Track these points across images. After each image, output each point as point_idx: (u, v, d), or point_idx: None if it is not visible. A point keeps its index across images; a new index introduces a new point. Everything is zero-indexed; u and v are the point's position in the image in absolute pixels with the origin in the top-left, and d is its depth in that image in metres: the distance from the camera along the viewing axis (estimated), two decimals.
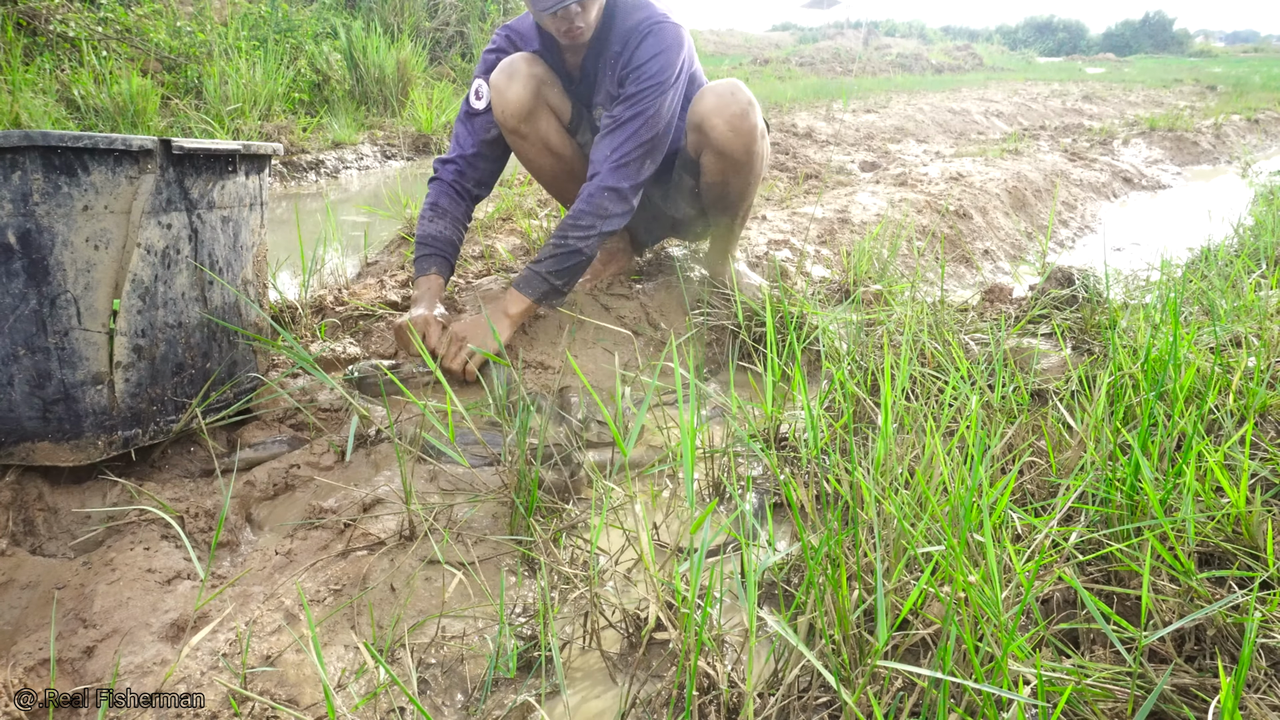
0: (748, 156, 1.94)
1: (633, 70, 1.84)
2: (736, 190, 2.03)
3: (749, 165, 1.96)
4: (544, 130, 2.00)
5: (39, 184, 1.19)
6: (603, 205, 1.84)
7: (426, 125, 6.01)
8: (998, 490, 0.94)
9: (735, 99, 1.87)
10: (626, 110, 1.84)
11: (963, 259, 3.11)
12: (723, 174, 1.97)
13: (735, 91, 1.88)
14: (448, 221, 1.99)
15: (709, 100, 1.88)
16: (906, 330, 1.48)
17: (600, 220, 1.85)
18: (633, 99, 1.84)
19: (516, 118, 1.94)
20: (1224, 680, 0.72)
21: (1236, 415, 1.33)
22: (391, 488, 1.39)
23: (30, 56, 5.02)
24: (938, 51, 20.56)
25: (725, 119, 1.86)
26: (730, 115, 1.86)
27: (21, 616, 1.11)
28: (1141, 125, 7.10)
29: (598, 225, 1.85)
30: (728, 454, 1.46)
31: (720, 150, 1.90)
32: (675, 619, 0.98)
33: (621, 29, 1.87)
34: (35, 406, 1.27)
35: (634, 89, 1.84)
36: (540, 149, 2.03)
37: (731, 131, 1.87)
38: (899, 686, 0.89)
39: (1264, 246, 2.48)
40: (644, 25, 1.84)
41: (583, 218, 1.84)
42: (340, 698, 0.96)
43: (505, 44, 2.03)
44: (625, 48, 1.86)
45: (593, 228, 1.84)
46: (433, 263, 1.96)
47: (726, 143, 1.89)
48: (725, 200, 2.06)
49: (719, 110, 1.86)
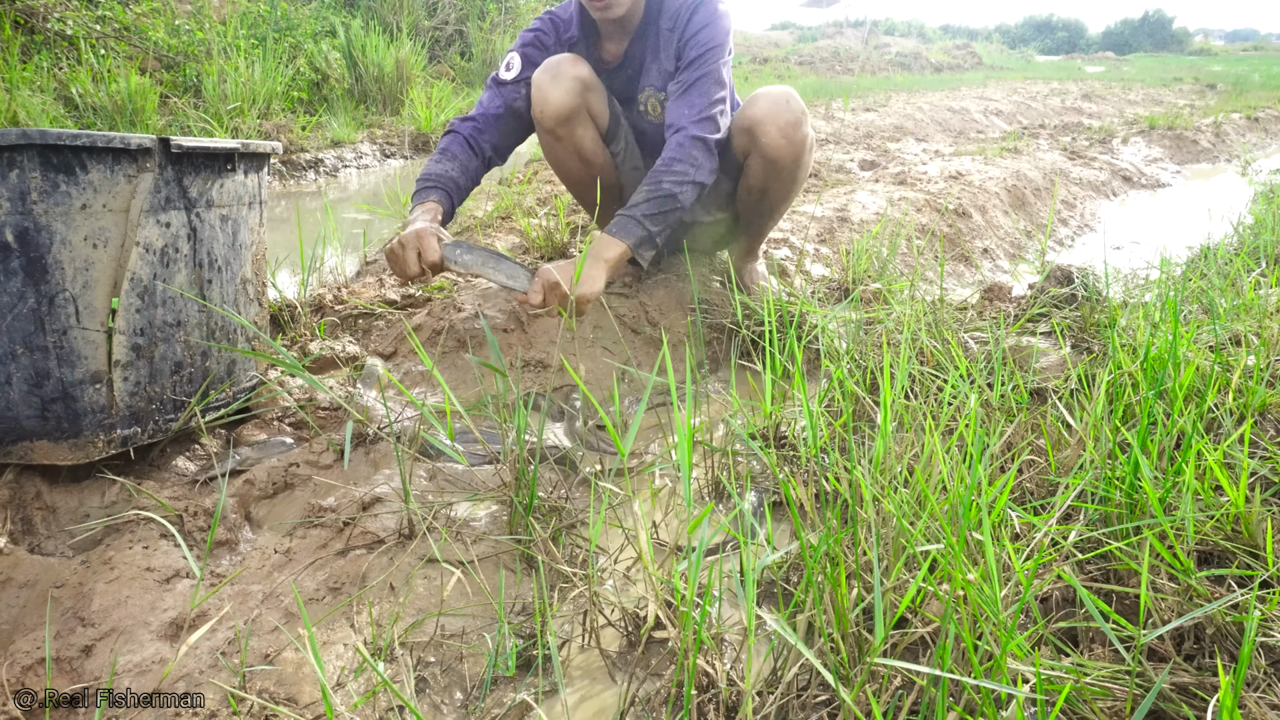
0: (794, 166, 1.93)
1: (690, 39, 1.85)
2: (775, 198, 2.02)
3: (794, 176, 1.96)
4: (579, 136, 1.99)
5: (37, 182, 1.18)
6: (693, 154, 1.80)
7: (426, 124, 6.01)
8: (997, 489, 0.94)
9: (789, 107, 1.86)
10: (693, 73, 1.84)
11: (962, 257, 3.11)
12: (766, 180, 1.96)
13: (790, 99, 1.88)
14: (456, 165, 1.93)
15: (763, 105, 1.87)
16: (906, 329, 1.48)
17: (692, 169, 1.80)
18: (695, 63, 1.84)
19: (555, 120, 1.93)
20: (1223, 679, 0.72)
21: (1236, 414, 1.32)
22: (391, 486, 1.39)
23: (28, 54, 5.01)
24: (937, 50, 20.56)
25: (779, 126, 1.86)
26: (784, 123, 1.86)
27: (20, 615, 1.11)
28: (1141, 124, 7.10)
29: (690, 173, 1.80)
30: (727, 453, 1.46)
31: (770, 157, 1.89)
32: (674, 617, 0.98)
33: (670, 9, 1.88)
34: (34, 405, 1.27)
35: (694, 54, 1.84)
36: (572, 154, 2.02)
37: (784, 139, 1.87)
38: (898, 685, 0.89)
39: (1264, 245, 2.48)
40: (691, 1, 1.87)
41: (675, 164, 1.79)
42: (339, 696, 0.96)
43: (546, 26, 2.01)
44: (676, 23, 1.87)
45: (686, 175, 1.79)
46: (432, 193, 1.88)
47: (777, 150, 1.88)
48: (761, 207, 2.05)
49: (773, 116, 1.85)
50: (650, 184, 1.79)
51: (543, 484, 1.42)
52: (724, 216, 2.19)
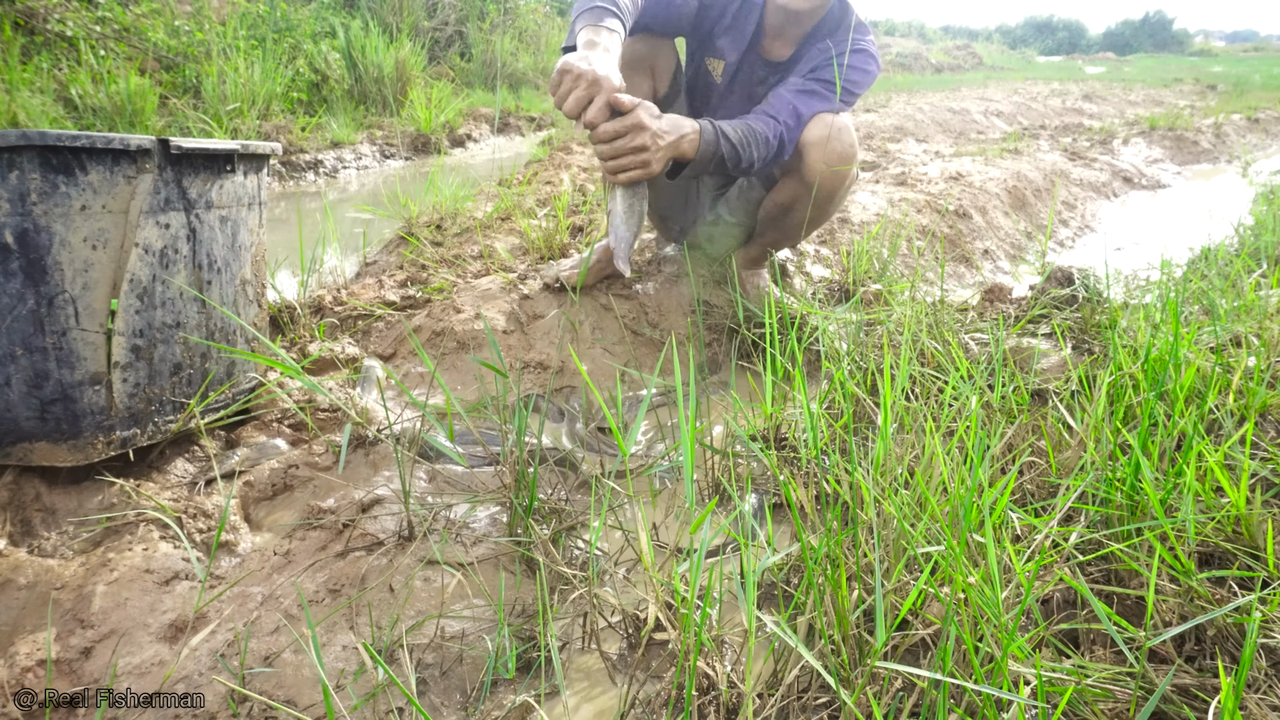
0: (827, 199, 1.92)
1: (823, 64, 1.84)
2: (796, 221, 2.01)
3: (824, 207, 1.95)
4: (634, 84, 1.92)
5: (36, 184, 1.18)
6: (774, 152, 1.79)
7: (425, 125, 6.01)
8: (997, 490, 0.94)
9: (842, 139, 1.84)
10: (820, 87, 1.83)
11: (962, 259, 3.11)
12: (794, 202, 1.95)
13: (844, 132, 1.85)
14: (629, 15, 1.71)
15: (817, 129, 1.84)
16: (906, 330, 1.48)
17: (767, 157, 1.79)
18: (830, 85, 1.83)
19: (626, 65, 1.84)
20: (1224, 680, 0.72)
21: (1237, 415, 1.32)
22: (390, 488, 1.38)
23: (28, 55, 5.01)
24: (937, 51, 20.56)
25: (825, 155, 1.83)
26: (831, 154, 1.84)
27: (19, 617, 1.11)
28: (1141, 124, 7.10)
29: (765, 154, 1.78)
30: (727, 454, 1.46)
31: (806, 182, 1.88)
32: (674, 619, 0.98)
33: (845, 35, 1.88)
34: (33, 406, 1.26)
35: (830, 78, 1.83)
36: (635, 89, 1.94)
37: (826, 169, 1.85)
38: (898, 687, 0.89)
39: (1264, 246, 2.48)
40: (860, 44, 1.87)
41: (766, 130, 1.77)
42: (339, 698, 0.96)
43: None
44: (838, 46, 1.86)
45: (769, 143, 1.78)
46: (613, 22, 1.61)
47: (816, 178, 1.86)
48: (781, 224, 2.04)
49: (823, 144, 1.83)
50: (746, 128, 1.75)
51: (543, 486, 1.41)
52: (747, 221, 2.18)
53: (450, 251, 2.57)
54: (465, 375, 1.85)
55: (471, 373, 1.84)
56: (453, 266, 2.45)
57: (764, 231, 2.12)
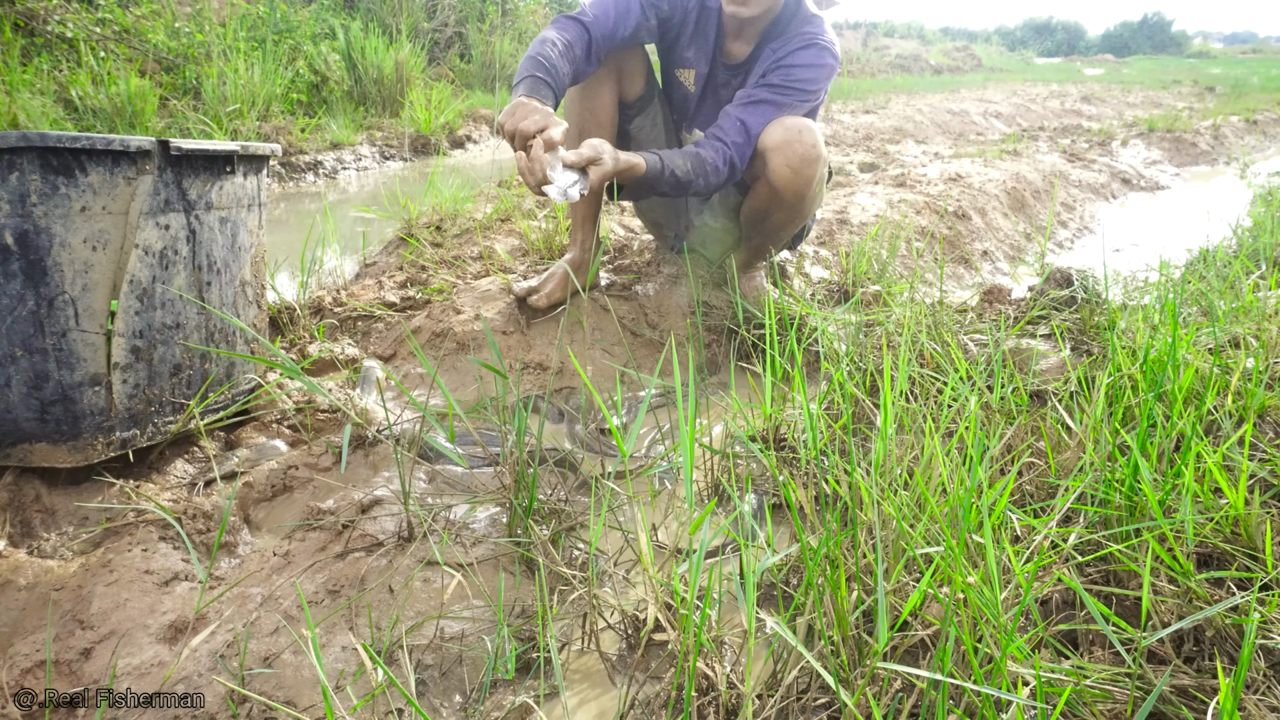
0: (797, 200, 1.91)
1: (784, 66, 1.84)
2: (775, 224, 2.02)
3: (796, 209, 1.95)
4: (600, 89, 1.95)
5: (37, 185, 1.18)
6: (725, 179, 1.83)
7: (425, 126, 6.01)
8: (997, 491, 0.94)
9: (802, 140, 1.82)
10: (763, 93, 1.83)
11: (962, 260, 3.12)
12: (768, 205, 1.96)
13: (804, 133, 1.83)
14: (572, 70, 1.75)
15: (776, 134, 1.83)
16: (905, 331, 1.48)
17: (715, 184, 1.83)
18: (774, 88, 1.83)
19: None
20: (1223, 681, 0.72)
21: (1235, 416, 1.32)
22: (390, 489, 1.39)
23: (28, 57, 5.01)
24: (936, 52, 20.58)
25: (787, 158, 1.83)
26: (793, 156, 1.83)
27: (19, 618, 1.11)
28: (1140, 126, 7.11)
29: (712, 183, 1.82)
30: (727, 455, 1.46)
31: (773, 186, 1.88)
32: (674, 620, 0.98)
33: (798, 30, 1.87)
34: (33, 408, 1.26)
35: (779, 80, 1.83)
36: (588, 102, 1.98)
37: (790, 172, 1.84)
38: (898, 688, 0.89)
39: (1262, 247, 2.48)
40: (811, 36, 1.85)
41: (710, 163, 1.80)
42: (338, 699, 0.96)
43: None
44: (788, 44, 1.86)
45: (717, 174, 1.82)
46: (547, 94, 1.65)
47: (782, 182, 1.86)
48: (761, 227, 2.05)
49: (783, 147, 1.82)
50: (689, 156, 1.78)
51: (542, 486, 1.41)
52: (730, 225, 2.19)
53: (450, 253, 2.57)
54: (465, 376, 1.85)
55: (471, 374, 1.84)
56: (452, 267, 2.45)
57: (749, 235, 2.14)
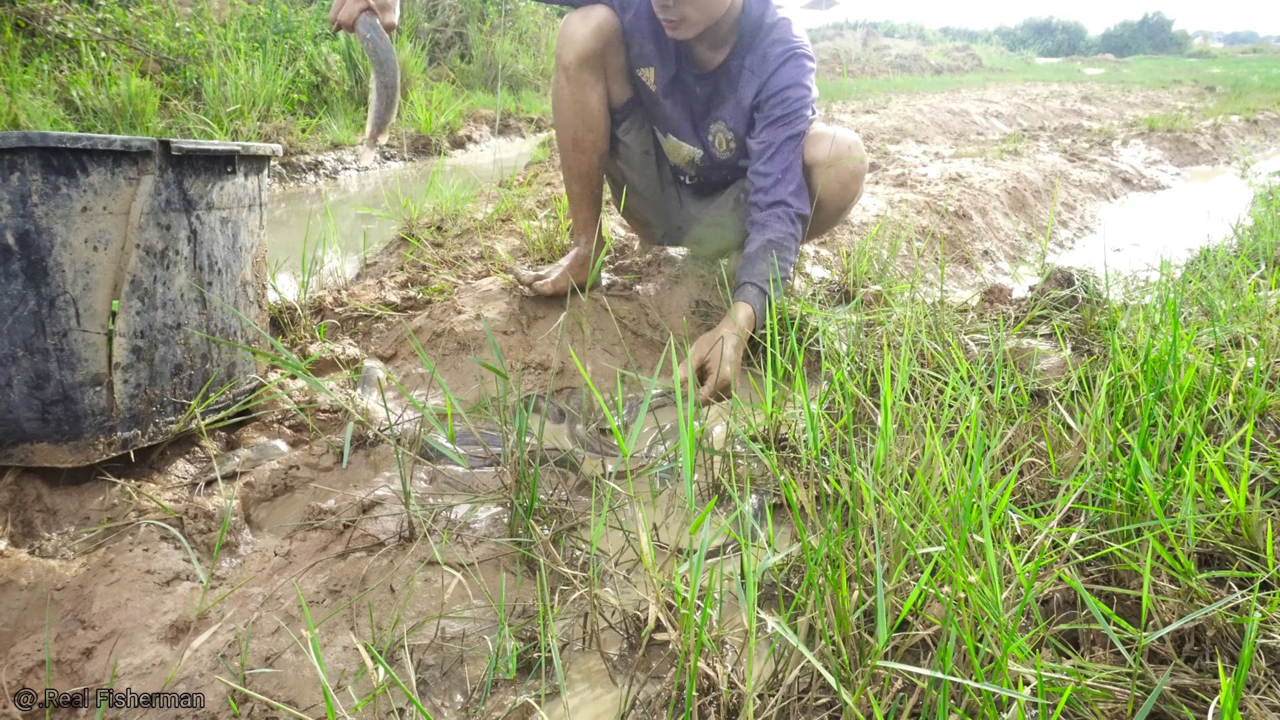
0: (839, 213, 1.94)
1: (778, 93, 1.84)
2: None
3: (834, 220, 1.97)
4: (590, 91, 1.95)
5: (38, 185, 1.19)
6: (800, 232, 1.84)
7: (426, 126, 6.01)
8: (997, 491, 0.94)
9: (852, 156, 1.86)
10: (781, 132, 1.84)
11: (962, 260, 3.12)
12: None
13: (853, 149, 1.87)
14: None
15: (824, 149, 1.86)
16: (906, 331, 1.48)
17: (796, 244, 1.85)
18: (783, 121, 1.83)
19: (577, 58, 1.89)
20: (1224, 681, 0.72)
21: (1236, 416, 1.32)
22: (391, 489, 1.39)
23: (29, 57, 5.02)
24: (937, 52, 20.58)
25: (838, 174, 1.85)
26: (844, 172, 1.86)
27: (20, 618, 1.11)
28: (1140, 126, 7.11)
29: (793, 253, 1.85)
30: (728, 455, 1.46)
31: (820, 200, 1.89)
32: (675, 620, 0.98)
33: (760, 48, 1.86)
34: (34, 408, 1.27)
35: (781, 112, 1.83)
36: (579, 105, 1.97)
37: (839, 186, 1.87)
38: (899, 687, 0.89)
39: (1263, 247, 2.48)
40: (787, 49, 1.84)
41: (787, 243, 1.82)
42: (340, 699, 0.96)
43: None
44: (762, 69, 1.84)
45: (791, 253, 1.84)
46: None
47: (830, 195, 1.88)
48: None
49: (835, 163, 1.85)
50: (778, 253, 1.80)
51: (543, 486, 1.41)
52: (731, 224, 2.18)
53: (451, 253, 2.57)
54: (466, 376, 1.85)
55: (472, 374, 1.85)
56: (453, 268, 2.45)
57: None
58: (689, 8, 1.72)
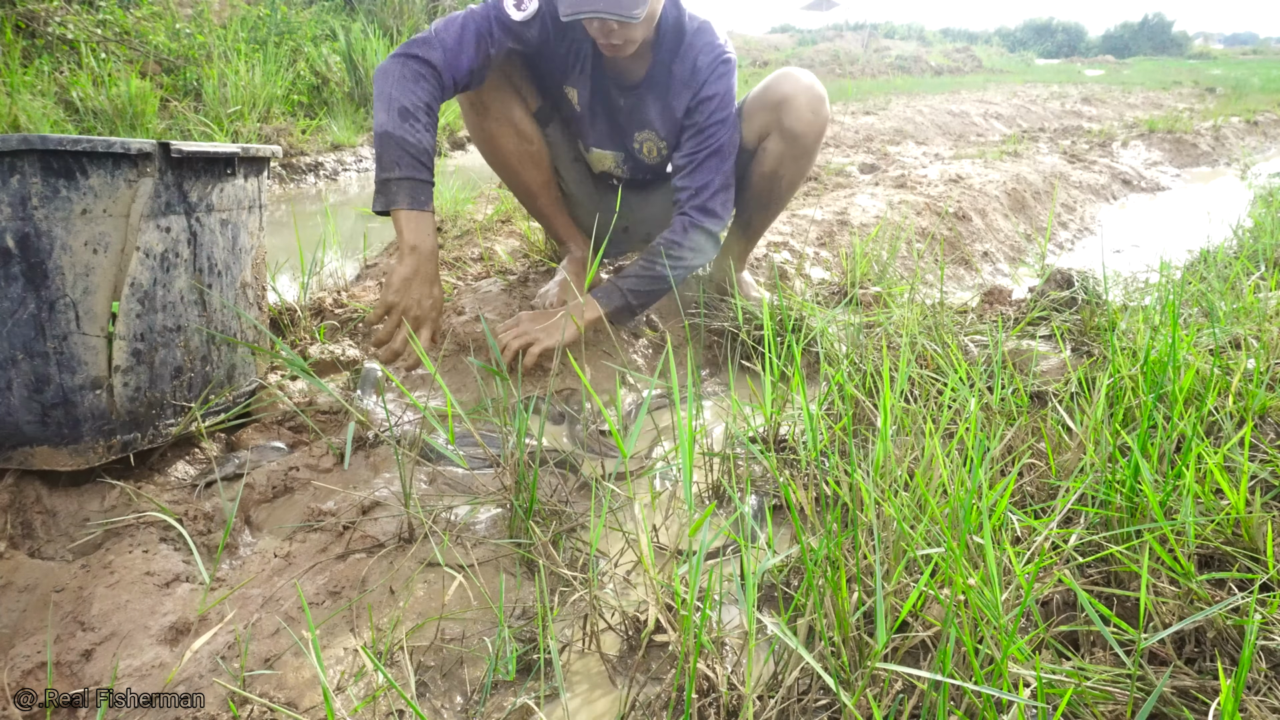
0: (815, 143, 1.92)
1: (704, 103, 1.82)
2: (786, 183, 1.99)
3: (808, 155, 1.95)
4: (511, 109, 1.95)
5: (37, 188, 1.19)
6: (697, 242, 1.83)
7: None
8: (997, 492, 0.94)
9: (815, 86, 1.87)
10: (706, 143, 1.83)
11: (962, 261, 3.12)
12: (781, 161, 1.93)
13: (813, 77, 1.89)
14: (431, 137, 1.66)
15: (789, 83, 1.86)
16: (905, 332, 1.48)
17: (692, 254, 1.83)
18: (709, 132, 1.82)
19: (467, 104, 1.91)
20: (1224, 682, 0.72)
21: (1236, 417, 1.32)
22: (390, 490, 1.39)
23: (29, 58, 5.02)
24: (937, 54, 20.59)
25: (808, 100, 1.85)
26: (813, 98, 1.86)
27: (20, 619, 1.11)
28: (1140, 127, 7.11)
29: (689, 259, 1.84)
30: (727, 456, 1.46)
31: (794, 133, 1.87)
32: (674, 621, 0.98)
33: (688, 56, 1.84)
34: (34, 411, 1.27)
35: (705, 121, 1.82)
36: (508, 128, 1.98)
37: (811, 113, 1.86)
38: (899, 689, 0.89)
39: (1263, 248, 2.48)
40: (718, 59, 1.82)
41: (674, 249, 1.82)
42: (339, 700, 0.96)
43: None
44: (693, 78, 1.83)
45: (683, 260, 1.83)
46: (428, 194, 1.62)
47: (804, 126, 1.87)
48: (770, 194, 2.01)
49: (802, 92, 1.85)
50: (646, 260, 1.82)
51: (543, 487, 1.42)
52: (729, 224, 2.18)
53: (451, 254, 2.57)
54: (466, 377, 1.85)
55: (472, 374, 1.85)
56: (453, 269, 2.45)
57: (748, 218, 2.09)
58: (636, 30, 1.69)
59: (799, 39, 25.02)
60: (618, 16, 1.59)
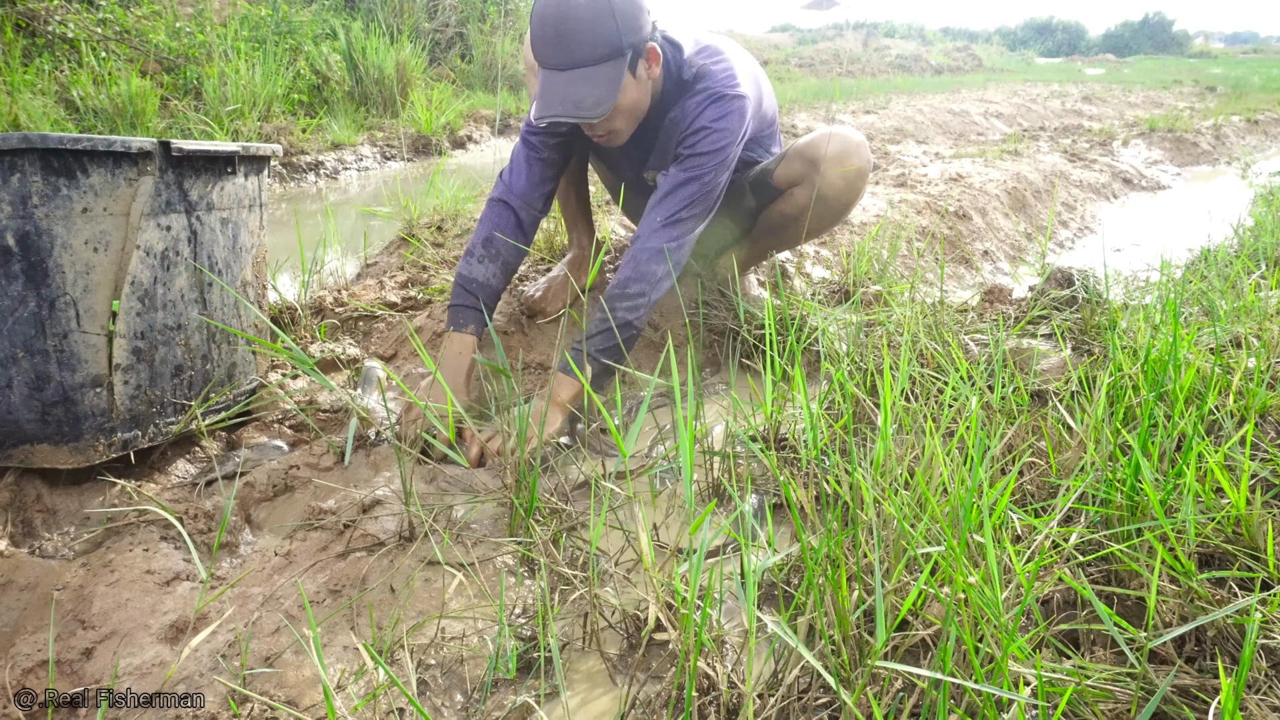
0: (842, 211, 1.94)
1: (687, 135, 1.74)
2: (796, 232, 2.00)
3: (833, 218, 1.96)
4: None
5: (38, 186, 1.19)
6: (651, 270, 1.69)
7: (426, 126, 6.01)
8: (997, 491, 0.94)
9: (859, 154, 1.87)
10: (681, 174, 1.73)
11: (962, 260, 3.11)
12: (802, 212, 1.94)
13: (862, 149, 1.87)
14: (498, 266, 1.77)
15: (835, 145, 1.85)
16: (906, 331, 1.48)
17: (649, 287, 1.69)
18: (688, 163, 1.73)
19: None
20: (1224, 681, 0.72)
21: (1236, 416, 1.32)
22: (391, 489, 1.39)
23: (29, 57, 5.02)
24: (937, 53, 20.59)
25: (842, 173, 1.85)
26: (850, 170, 1.86)
27: (20, 618, 1.11)
28: (1141, 126, 7.10)
29: (647, 293, 1.69)
30: (727, 455, 1.46)
31: (821, 195, 1.88)
32: (675, 620, 0.98)
33: (690, 97, 1.77)
34: (34, 409, 1.27)
35: (688, 153, 1.73)
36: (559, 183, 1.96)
37: (844, 184, 1.87)
38: (899, 687, 0.89)
39: (1263, 247, 2.48)
40: (707, 98, 1.74)
41: (630, 285, 1.68)
42: (340, 699, 0.96)
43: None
44: (683, 118, 1.77)
45: (642, 295, 1.68)
46: (470, 317, 1.72)
47: (834, 193, 1.88)
48: (786, 232, 2.03)
49: (842, 159, 1.85)
50: (602, 314, 1.67)
51: (543, 486, 1.42)
52: (734, 227, 2.17)
53: (451, 253, 2.57)
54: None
55: (473, 373, 1.84)
56: (453, 267, 2.45)
57: (761, 237, 2.12)
58: (616, 122, 1.67)
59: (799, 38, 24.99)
60: (578, 119, 1.57)
